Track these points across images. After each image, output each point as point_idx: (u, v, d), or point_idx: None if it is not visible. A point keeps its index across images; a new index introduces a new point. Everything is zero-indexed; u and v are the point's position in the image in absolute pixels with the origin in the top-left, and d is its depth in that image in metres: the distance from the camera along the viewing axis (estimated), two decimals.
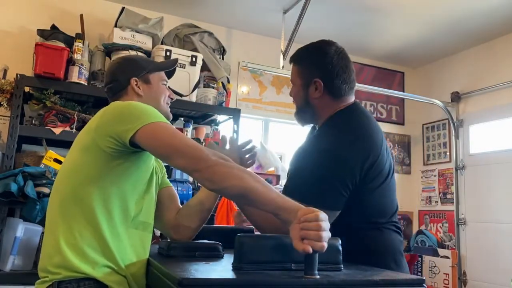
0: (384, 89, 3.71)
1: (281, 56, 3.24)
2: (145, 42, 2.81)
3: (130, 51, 2.66)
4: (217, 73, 2.95)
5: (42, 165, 2.35)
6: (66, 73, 2.53)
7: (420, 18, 3.23)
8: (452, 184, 3.67)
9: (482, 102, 3.57)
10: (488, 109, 3.51)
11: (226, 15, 3.33)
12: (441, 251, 3.50)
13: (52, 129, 2.42)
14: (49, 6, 2.98)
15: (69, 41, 2.63)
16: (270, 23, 3.36)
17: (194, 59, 2.80)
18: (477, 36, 3.47)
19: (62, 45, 2.55)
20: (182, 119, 2.91)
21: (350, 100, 1.45)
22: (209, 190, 1.26)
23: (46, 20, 2.85)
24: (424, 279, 1.05)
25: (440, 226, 3.74)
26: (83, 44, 2.61)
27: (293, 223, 1.00)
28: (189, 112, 2.97)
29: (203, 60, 2.89)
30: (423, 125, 4.05)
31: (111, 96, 1.47)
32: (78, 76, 2.54)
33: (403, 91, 4.04)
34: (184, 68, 2.79)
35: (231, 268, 1.04)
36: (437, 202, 3.82)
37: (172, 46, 2.87)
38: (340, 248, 1.09)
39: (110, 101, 1.45)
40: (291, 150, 2.35)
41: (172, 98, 1.53)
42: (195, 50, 2.91)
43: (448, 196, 3.72)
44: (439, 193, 3.80)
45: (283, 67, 3.21)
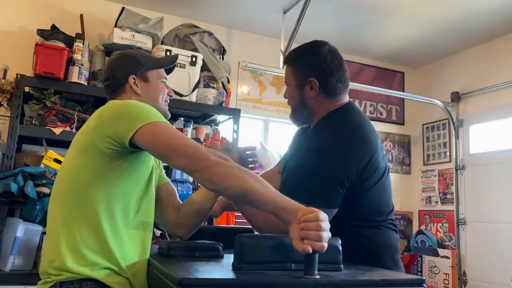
0: (384, 89, 3.71)
1: (281, 56, 3.24)
2: (145, 42, 2.81)
3: None
4: (217, 73, 2.95)
5: (42, 165, 2.35)
6: (66, 73, 2.53)
7: (420, 18, 3.23)
8: (452, 184, 3.67)
9: (482, 102, 3.57)
10: (488, 109, 3.51)
11: (226, 15, 3.33)
12: (441, 251, 3.50)
13: (52, 129, 2.42)
14: (49, 6, 2.98)
15: (69, 41, 2.63)
16: (270, 23, 3.36)
17: (194, 59, 2.80)
18: (477, 36, 3.47)
19: (62, 45, 2.55)
20: (182, 119, 2.91)
21: (344, 99, 1.47)
22: (209, 190, 1.26)
23: (46, 20, 2.85)
24: (424, 279, 1.05)
25: (440, 226, 3.74)
26: (83, 44, 2.61)
27: (292, 223, 1.00)
28: (189, 112, 2.97)
29: (203, 60, 2.89)
30: (423, 125, 4.05)
31: (109, 93, 1.44)
32: (78, 76, 2.54)
33: (403, 91, 4.04)
34: (184, 68, 2.79)
35: (231, 268, 1.04)
36: (437, 202, 3.81)
37: (172, 46, 2.87)
38: (340, 248, 1.09)
39: (108, 98, 1.44)
40: None
41: (170, 96, 1.51)
42: (195, 50, 2.91)
43: (448, 196, 3.72)
44: (439, 193, 3.80)
45: (283, 67, 3.20)
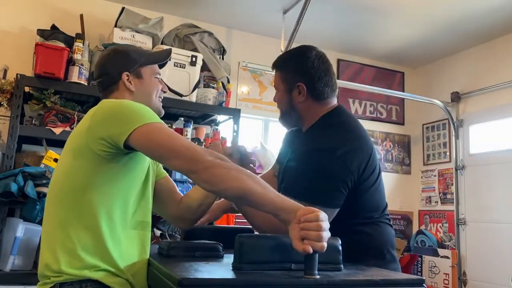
0: (384, 89, 3.71)
1: None
2: (145, 42, 2.81)
3: None
4: (217, 73, 2.95)
5: (42, 165, 2.35)
6: (66, 73, 2.53)
7: (420, 18, 3.23)
8: (452, 184, 3.67)
9: (482, 102, 3.57)
10: (488, 109, 3.51)
11: (226, 15, 3.33)
12: (441, 251, 3.50)
13: (52, 129, 2.42)
14: (49, 6, 2.98)
15: (69, 41, 2.63)
16: (270, 23, 3.36)
17: (194, 59, 2.80)
18: (477, 36, 3.47)
19: (62, 45, 2.55)
20: (182, 119, 2.91)
21: (333, 102, 1.50)
22: (207, 191, 1.26)
23: (46, 20, 2.85)
24: (424, 279, 1.05)
25: (440, 226, 3.74)
26: (83, 44, 2.61)
27: (292, 223, 1.00)
28: (189, 112, 2.97)
29: (203, 60, 2.89)
30: (423, 125, 4.05)
31: (101, 90, 1.39)
32: (78, 76, 2.54)
33: (403, 91, 4.04)
34: (184, 68, 2.79)
35: (231, 268, 1.04)
36: (437, 202, 3.81)
37: (172, 46, 2.87)
38: (340, 248, 1.09)
39: (101, 96, 1.40)
40: None
41: (164, 91, 1.45)
42: (195, 50, 2.91)
43: (448, 196, 3.72)
44: (439, 193, 3.80)
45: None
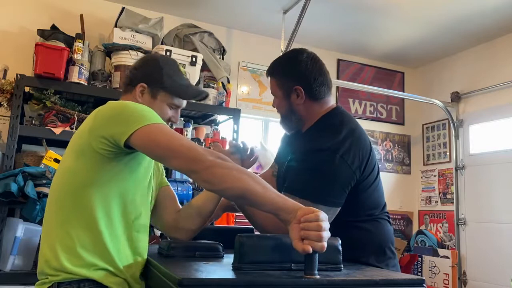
0: (384, 89, 3.71)
1: None
2: (145, 42, 2.81)
3: (130, 51, 2.66)
4: (217, 73, 2.95)
5: (42, 165, 2.35)
6: (66, 73, 2.53)
7: (420, 18, 3.22)
8: (452, 184, 3.67)
9: (482, 102, 3.57)
10: (488, 109, 3.51)
11: (226, 15, 3.33)
12: (441, 251, 3.50)
13: (52, 129, 2.42)
14: (49, 6, 2.98)
15: (69, 41, 2.63)
16: (270, 23, 3.36)
17: (194, 59, 2.80)
18: (477, 36, 3.47)
19: (62, 45, 2.55)
20: (182, 119, 2.91)
21: (331, 101, 1.52)
22: (208, 191, 1.26)
23: (46, 20, 2.85)
24: (424, 279, 1.05)
25: (440, 226, 3.74)
26: (83, 44, 2.61)
27: (292, 223, 1.00)
28: (189, 112, 2.97)
29: (203, 60, 2.89)
30: (423, 125, 4.05)
31: (122, 85, 1.44)
32: (78, 76, 2.54)
33: (403, 91, 4.04)
34: (184, 68, 2.79)
35: (231, 268, 1.04)
36: (437, 202, 3.81)
37: (172, 46, 2.87)
38: (340, 248, 1.09)
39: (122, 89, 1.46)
40: None
41: (173, 122, 1.44)
42: (195, 50, 2.91)
43: (448, 196, 3.72)
44: (439, 193, 3.80)
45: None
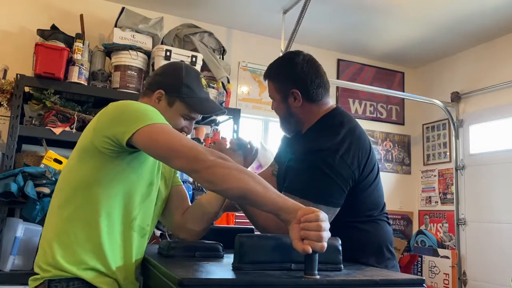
0: (384, 89, 3.71)
1: None
2: (145, 42, 2.81)
3: (130, 51, 2.66)
4: (217, 73, 2.95)
5: (42, 165, 2.35)
6: (66, 73, 2.53)
7: (420, 18, 3.22)
8: (452, 184, 3.67)
9: (482, 102, 3.57)
10: (488, 109, 3.51)
11: (226, 15, 3.33)
12: (441, 251, 3.50)
13: (52, 129, 2.42)
14: (49, 6, 2.98)
15: (69, 41, 2.63)
16: (270, 23, 3.36)
17: (194, 59, 2.80)
18: (477, 36, 3.47)
19: (62, 45, 2.55)
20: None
21: (329, 102, 1.52)
22: (209, 190, 1.26)
23: (46, 20, 2.85)
24: (424, 279, 1.05)
25: (440, 226, 3.74)
26: (83, 44, 2.61)
27: (292, 223, 1.00)
28: None
29: (203, 60, 2.88)
30: (423, 125, 4.05)
31: (145, 87, 1.46)
32: (78, 76, 2.54)
33: (403, 91, 4.04)
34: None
35: (231, 268, 1.04)
36: (437, 202, 3.81)
37: (172, 46, 2.87)
38: (340, 248, 1.09)
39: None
40: None
41: (186, 132, 1.43)
42: (195, 50, 2.91)
43: (448, 196, 3.72)
44: (439, 193, 3.80)
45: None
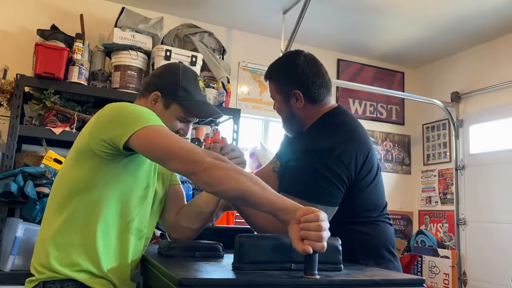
0: (384, 89, 3.71)
1: None
2: (145, 42, 2.81)
3: (130, 51, 2.66)
4: (217, 73, 2.95)
5: (42, 165, 2.35)
6: (66, 73, 2.53)
7: (420, 18, 3.22)
8: (452, 184, 3.67)
9: (482, 102, 3.57)
10: (488, 109, 3.50)
11: (226, 15, 3.33)
12: (441, 251, 3.50)
13: (52, 129, 2.41)
14: (49, 6, 2.98)
15: (69, 41, 2.63)
16: (270, 23, 3.36)
17: (194, 59, 2.80)
18: (477, 36, 3.47)
19: (62, 45, 2.55)
20: None
21: (330, 101, 1.51)
22: (207, 192, 1.26)
23: (46, 20, 2.85)
24: (424, 279, 1.05)
25: (440, 226, 3.74)
26: (83, 44, 2.61)
27: (291, 223, 1.00)
28: None
29: (203, 60, 2.88)
30: (423, 125, 4.04)
31: (141, 88, 1.45)
32: (78, 76, 2.54)
33: (403, 91, 4.04)
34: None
35: (231, 268, 1.04)
36: (437, 202, 3.81)
37: (172, 46, 2.86)
38: (340, 248, 1.09)
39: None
40: None
41: (182, 135, 1.42)
42: (195, 50, 2.91)
43: (448, 196, 3.72)
44: (439, 193, 3.80)
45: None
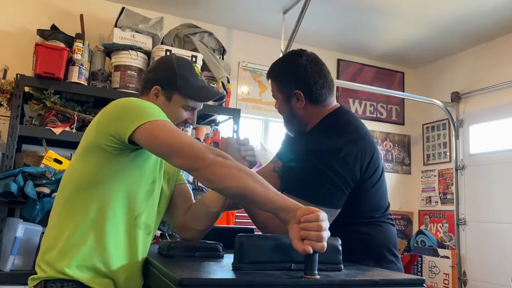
0: (384, 89, 3.72)
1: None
2: (145, 42, 2.81)
3: (130, 51, 2.66)
4: (217, 73, 2.95)
5: (42, 165, 2.35)
6: (66, 73, 2.53)
7: (420, 18, 3.22)
8: (452, 184, 3.67)
9: (482, 102, 3.57)
10: (488, 109, 3.50)
11: (226, 15, 3.33)
12: (441, 251, 3.50)
13: (52, 129, 2.42)
14: (49, 6, 2.98)
15: (69, 41, 2.63)
16: (270, 23, 3.36)
17: (194, 59, 2.80)
18: (477, 36, 3.47)
19: (62, 45, 2.55)
20: None
21: (333, 102, 1.50)
22: (209, 188, 1.26)
23: (46, 20, 2.85)
24: (424, 279, 1.05)
25: (440, 226, 3.74)
26: (83, 44, 2.61)
27: (291, 223, 1.00)
28: None
29: (203, 60, 2.88)
30: (423, 125, 4.04)
31: (141, 86, 1.46)
32: (78, 76, 2.54)
33: (403, 91, 4.04)
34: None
35: (231, 268, 1.04)
36: (437, 202, 3.81)
37: (172, 46, 2.87)
38: (340, 248, 1.09)
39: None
40: None
41: (190, 123, 1.45)
42: (195, 50, 2.91)
43: (448, 196, 3.72)
44: (439, 193, 3.80)
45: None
